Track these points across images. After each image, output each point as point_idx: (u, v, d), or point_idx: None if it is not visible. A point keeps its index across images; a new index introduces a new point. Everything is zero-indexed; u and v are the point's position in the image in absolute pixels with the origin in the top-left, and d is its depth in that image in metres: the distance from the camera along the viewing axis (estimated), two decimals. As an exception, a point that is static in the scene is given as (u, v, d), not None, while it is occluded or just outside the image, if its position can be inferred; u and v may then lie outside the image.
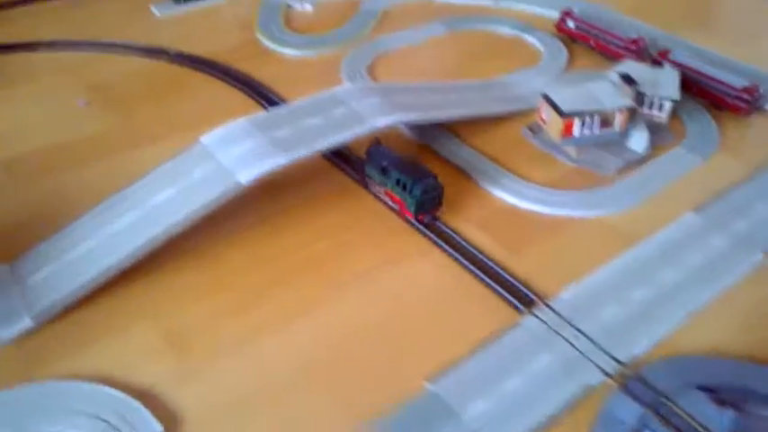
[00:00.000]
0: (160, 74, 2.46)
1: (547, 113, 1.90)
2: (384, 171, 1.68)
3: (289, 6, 2.95)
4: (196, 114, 2.21)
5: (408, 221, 1.66)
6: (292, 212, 1.76)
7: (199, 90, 2.38)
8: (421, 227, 1.65)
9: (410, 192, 1.61)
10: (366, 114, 1.80)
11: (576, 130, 1.84)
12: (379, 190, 1.73)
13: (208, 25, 2.89)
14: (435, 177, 1.63)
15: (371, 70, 2.46)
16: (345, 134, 1.75)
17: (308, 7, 2.96)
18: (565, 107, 1.85)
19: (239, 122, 1.76)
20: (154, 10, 2.84)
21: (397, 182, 1.63)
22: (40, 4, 2.92)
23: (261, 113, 1.90)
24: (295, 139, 1.71)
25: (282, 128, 1.76)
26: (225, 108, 2.21)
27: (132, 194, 1.62)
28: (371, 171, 1.74)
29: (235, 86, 2.37)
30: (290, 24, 2.83)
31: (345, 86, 2.04)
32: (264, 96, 2.30)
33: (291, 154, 1.66)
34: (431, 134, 2.04)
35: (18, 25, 2.76)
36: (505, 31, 2.77)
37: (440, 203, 1.66)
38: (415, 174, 1.63)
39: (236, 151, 1.67)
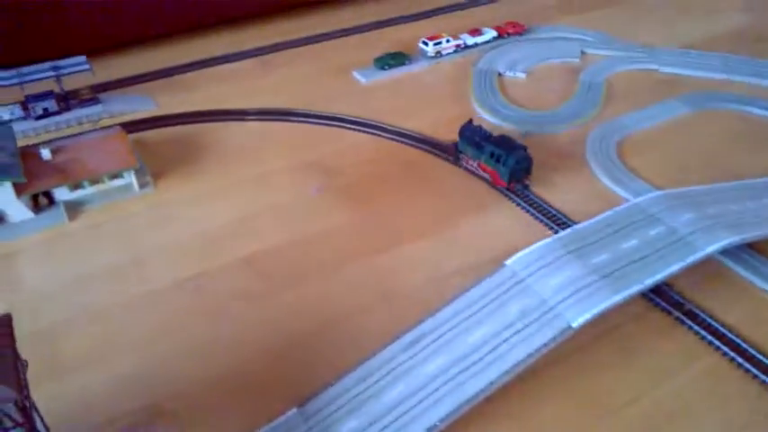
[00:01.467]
0: (386, 153, 2.20)
1: None
2: (478, 146, 1.70)
3: (500, 74, 2.64)
4: (443, 208, 1.93)
5: (498, 189, 1.70)
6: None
7: (434, 174, 2.10)
8: (510, 193, 1.42)
9: (504, 163, 1.66)
10: (689, 235, 1.50)
11: None
12: (472, 164, 1.74)
13: (417, 95, 2.62)
14: (526, 149, 1.66)
15: (621, 153, 2.13)
16: (677, 265, 1.44)
17: (521, 75, 2.65)
18: None
19: (546, 243, 1.48)
20: (357, 76, 2.61)
21: (491, 155, 1.68)
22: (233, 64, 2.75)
23: (566, 232, 1.60)
24: (620, 271, 1.42)
25: (598, 252, 1.46)
26: (475, 199, 1.92)
27: (435, 331, 1.35)
28: (465, 147, 1.76)
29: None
30: (505, 93, 2.54)
31: (648, 197, 1.73)
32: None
33: (623, 292, 1.36)
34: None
35: (202, 92, 2.58)
36: (761, 112, 2.39)
37: (529, 173, 1.64)
38: (508, 147, 1.66)
39: (553, 282, 1.38)
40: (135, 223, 1.79)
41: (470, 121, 1.78)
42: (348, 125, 2.21)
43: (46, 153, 1.83)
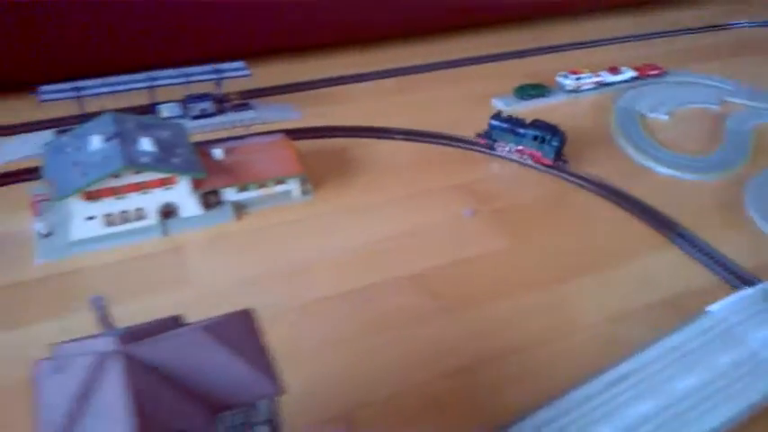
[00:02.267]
0: (534, 183, 2.17)
1: None
2: (517, 132, 2.13)
3: (643, 115, 2.59)
4: (600, 244, 1.87)
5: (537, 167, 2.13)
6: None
7: (585, 208, 2.06)
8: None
9: (549, 143, 2.08)
10: None
11: None
12: (510, 149, 2.17)
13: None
14: (561, 129, 2.10)
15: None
16: None
17: (664, 117, 2.59)
18: None
19: (750, 293, 1.40)
20: (497, 104, 2.59)
21: (535, 138, 2.10)
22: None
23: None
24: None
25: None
26: (634, 239, 1.88)
27: (639, 373, 1.28)
28: (502, 135, 2.17)
29: (623, 207, 2.04)
30: (648, 134, 2.50)
31: None
32: (668, 226, 1.94)
33: None
34: None
35: (344, 106, 2.61)
36: None
37: (563, 151, 2.12)
38: (548, 129, 2.09)
39: (762, 333, 1.29)
40: (297, 230, 1.79)
41: (500, 112, 1.88)
42: (493, 152, 2.18)
43: (218, 153, 1.83)
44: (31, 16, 2.13)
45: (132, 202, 1.69)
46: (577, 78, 2.78)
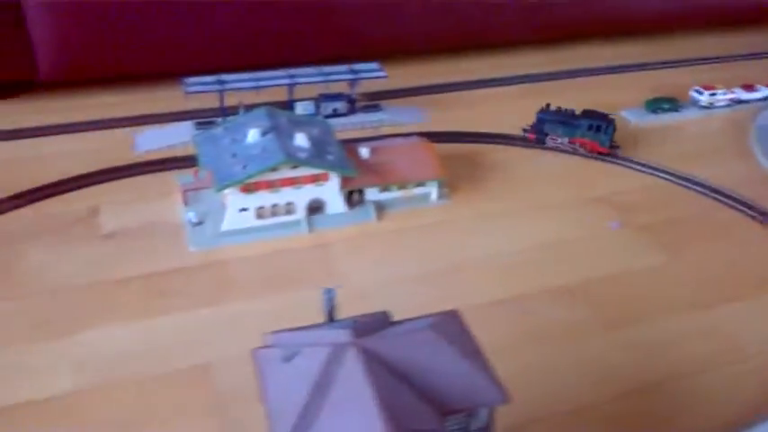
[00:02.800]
0: (678, 198, 2.07)
1: None
2: (570, 124, 2.14)
3: (783, 132, 2.44)
4: (752, 268, 1.76)
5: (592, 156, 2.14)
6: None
7: (732, 228, 1.94)
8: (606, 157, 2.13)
9: (605, 131, 2.11)
10: None
11: None
12: (563, 141, 2.17)
13: (693, 144, 2.50)
14: (609, 116, 2.13)
15: None
16: None
17: (806, 137, 2.43)
18: None
19: None
20: (626, 116, 2.49)
21: (590, 127, 2.12)
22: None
23: None
24: None
25: None
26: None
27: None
28: (554, 128, 2.17)
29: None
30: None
31: None
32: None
33: None
34: None
35: (469, 111, 2.57)
36: None
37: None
38: (601, 118, 2.12)
39: None
40: (437, 233, 1.76)
41: (548, 105, 1.89)
42: (630, 164, 2.10)
43: (365, 152, 1.84)
44: (180, 10, 2.18)
45: (284, 196, 1.70)
46: (711, 94, 2.66)
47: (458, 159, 2.13)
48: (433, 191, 1.91)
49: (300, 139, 1.70)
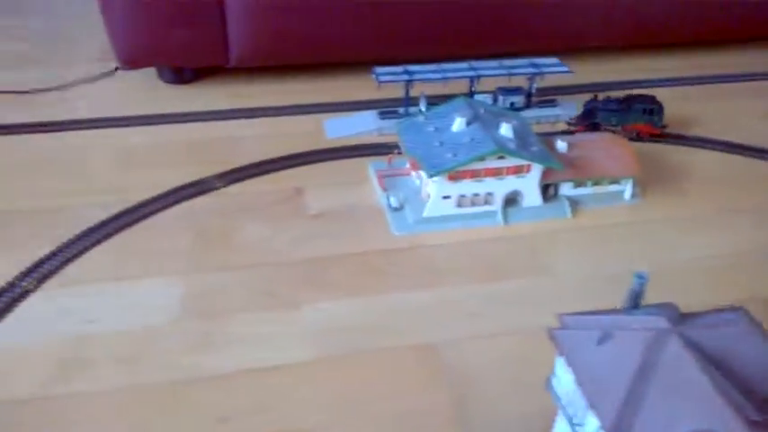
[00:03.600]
0: None
1: None
2: (623, 111, 2.12)
3: None
4: None
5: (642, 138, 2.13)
6: None
7: None
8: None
9: (657, 113, 2.12)
10: None
11: None
12: (616, 130, 2.12)
13: None
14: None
15: None
16: None
17: None
18: None
19: None
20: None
21: (644, 111, 2.11)
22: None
23: None
24: None
25: None
26: None
27: None
28: (608, 117, 2.13)
29: None
30: None
31: None
32: None
33: None
34: None
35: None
36: None
37: None
38: (649, 100, 2.13)
39: None
40: (635, 232, 1.73)
41: (595, 97, 1.82)
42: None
43: (563, 146, 1.84)
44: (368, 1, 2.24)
45: (486, 185, 1.71)
46: None
47: (642, 159, 2.08)
48: (627, 188, 1.87)
49: (506, 130, 1.71)
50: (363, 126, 2.16)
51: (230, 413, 1.21)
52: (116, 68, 2.47)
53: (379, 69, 2.15)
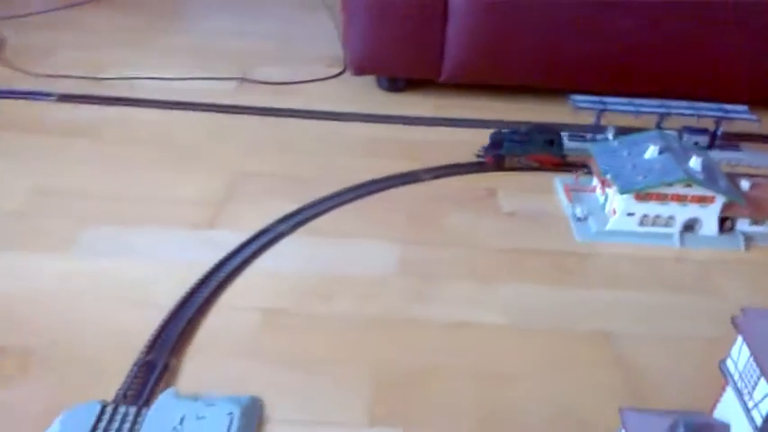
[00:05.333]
0: None
1: None
2: (526, 141, 2.18)
3: None
4: None
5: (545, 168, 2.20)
6: None
7: None
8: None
9: (558, 143, 2.21)
10: None
11: None
12: (520, 160, 2.19)
13: None
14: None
15: None
16: None
17: None
18: None
19: None
20: None
21: (545, 142, 2.18)
22: None
23: None
24: None
25: None
26: None
27: None
28: (512, 148, 2.18)
29: None
30: None
31: None
32: None
33: None
34: None
35: None
36: None
37: None
38: (549, 130, 2.22)
39: None
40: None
41: (499, 131, 1.78)
42: None
43: (746, 185, 2.02)
44: (571, 37, 2.51)
45: (669, 209, 1.92)
46: None
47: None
48: (799, 233, 1.99)
49: (695, 163, 1.90)
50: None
51: (433, 354, 1.53)
52: (340, 73, 2.93)
53: (577, 97, 2.41)
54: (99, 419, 1.30)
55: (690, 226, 1.99)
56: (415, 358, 1.51)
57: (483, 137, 2.50)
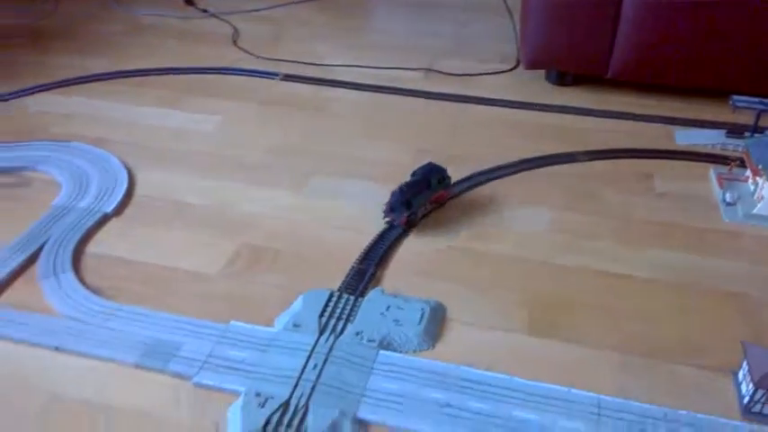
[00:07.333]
0: None
1: None
2: (425, 187, 2.08)
3: None
4: None
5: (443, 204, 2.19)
6: None
7: None
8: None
9: (447, 179, 2.17)
10: None
11: None
12: (427, 207, 2.11)
13: None
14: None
15: None
16: None
17: None
18: None
19: None
20: None
21: (439, 181, 2.12)
22: None
23: None
24: None
25: None
26: None
27: None
28: (418, 200, 2.05)
29: None
30: None
31: None
32: None
33: None
34: None
35: None
36: None
37: None
38: (437, 171, 2.14)
39: None
40: None
41: (398, 190, 1.61)
42: None
43: None
44: (739, 42, 2.68)
45: (818, 199, 2.07)
46: None
47: None
48: None
49: None
50: (710, 139, 2.63)
51: (580, 292, 1.86)
52: (513, 68, 3.30)
53: (737, 97, 2.59)
54: (329, 301, 1.80)
55: (838, 216, 2.14)
56: (565, 293, 1.86)
57: (641, 129, 2.76)
